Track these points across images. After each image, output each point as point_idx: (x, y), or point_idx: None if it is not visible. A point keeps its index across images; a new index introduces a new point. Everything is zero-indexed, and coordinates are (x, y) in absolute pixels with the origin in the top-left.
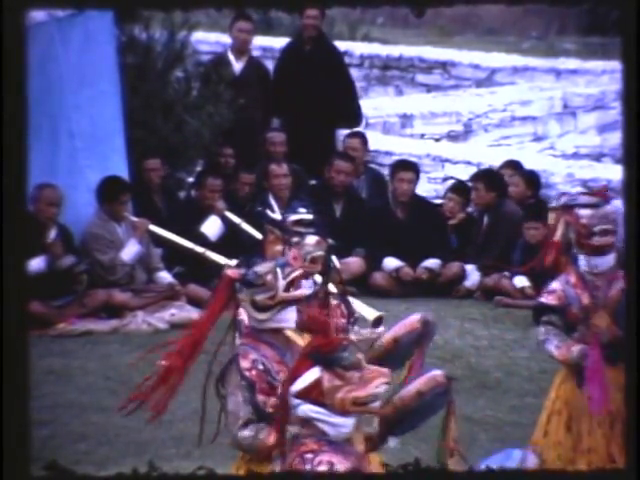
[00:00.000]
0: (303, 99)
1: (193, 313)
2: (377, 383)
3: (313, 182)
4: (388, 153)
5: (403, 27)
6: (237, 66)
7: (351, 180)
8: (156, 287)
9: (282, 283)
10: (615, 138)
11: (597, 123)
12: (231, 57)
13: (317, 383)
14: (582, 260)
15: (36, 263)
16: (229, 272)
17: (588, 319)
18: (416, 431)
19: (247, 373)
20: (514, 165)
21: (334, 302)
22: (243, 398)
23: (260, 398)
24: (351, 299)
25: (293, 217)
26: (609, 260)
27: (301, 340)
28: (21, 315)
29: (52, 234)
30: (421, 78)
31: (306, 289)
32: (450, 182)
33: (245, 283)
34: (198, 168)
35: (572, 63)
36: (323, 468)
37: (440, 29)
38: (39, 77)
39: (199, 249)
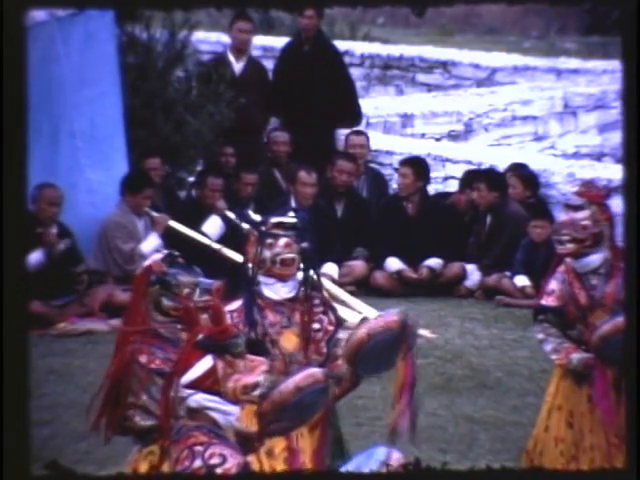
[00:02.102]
0: (302, 99)
1: None
2: (259, 371)
3: None
4: (389, 152)
5: (404, 27)
6: (237, 66)
7: (353, 180)
8: None
9: (194, 304)
10: (616, 138)
11: (598, 123)
12: (231, 57)
13: (212, 371)
14: (573, 261)
15: (35, 256)
16: (152, 262)
17: (586, 318)
18: (417, 431)
19: (152, 365)
20: (514, 166)
21: (321, 308)
22: (148, 395)
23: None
24: (348, 299)
25: (274, 219)
26: (593, 260)
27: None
28: (21, 315)
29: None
30: (422, 77)
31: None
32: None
33: (162, 282)
34: (199, 167)
35: (573, 63)
36: (215, 461)
37: (441, 29)
38: (39, 77)
39: (216, 246)
